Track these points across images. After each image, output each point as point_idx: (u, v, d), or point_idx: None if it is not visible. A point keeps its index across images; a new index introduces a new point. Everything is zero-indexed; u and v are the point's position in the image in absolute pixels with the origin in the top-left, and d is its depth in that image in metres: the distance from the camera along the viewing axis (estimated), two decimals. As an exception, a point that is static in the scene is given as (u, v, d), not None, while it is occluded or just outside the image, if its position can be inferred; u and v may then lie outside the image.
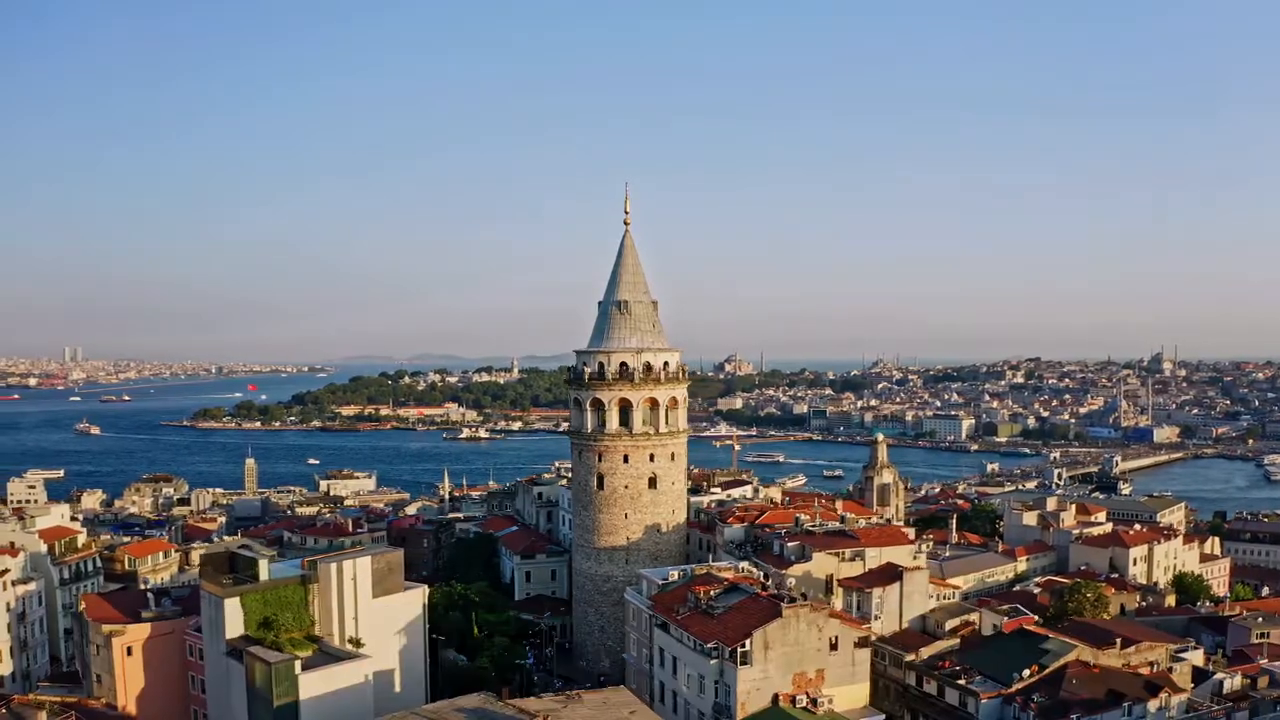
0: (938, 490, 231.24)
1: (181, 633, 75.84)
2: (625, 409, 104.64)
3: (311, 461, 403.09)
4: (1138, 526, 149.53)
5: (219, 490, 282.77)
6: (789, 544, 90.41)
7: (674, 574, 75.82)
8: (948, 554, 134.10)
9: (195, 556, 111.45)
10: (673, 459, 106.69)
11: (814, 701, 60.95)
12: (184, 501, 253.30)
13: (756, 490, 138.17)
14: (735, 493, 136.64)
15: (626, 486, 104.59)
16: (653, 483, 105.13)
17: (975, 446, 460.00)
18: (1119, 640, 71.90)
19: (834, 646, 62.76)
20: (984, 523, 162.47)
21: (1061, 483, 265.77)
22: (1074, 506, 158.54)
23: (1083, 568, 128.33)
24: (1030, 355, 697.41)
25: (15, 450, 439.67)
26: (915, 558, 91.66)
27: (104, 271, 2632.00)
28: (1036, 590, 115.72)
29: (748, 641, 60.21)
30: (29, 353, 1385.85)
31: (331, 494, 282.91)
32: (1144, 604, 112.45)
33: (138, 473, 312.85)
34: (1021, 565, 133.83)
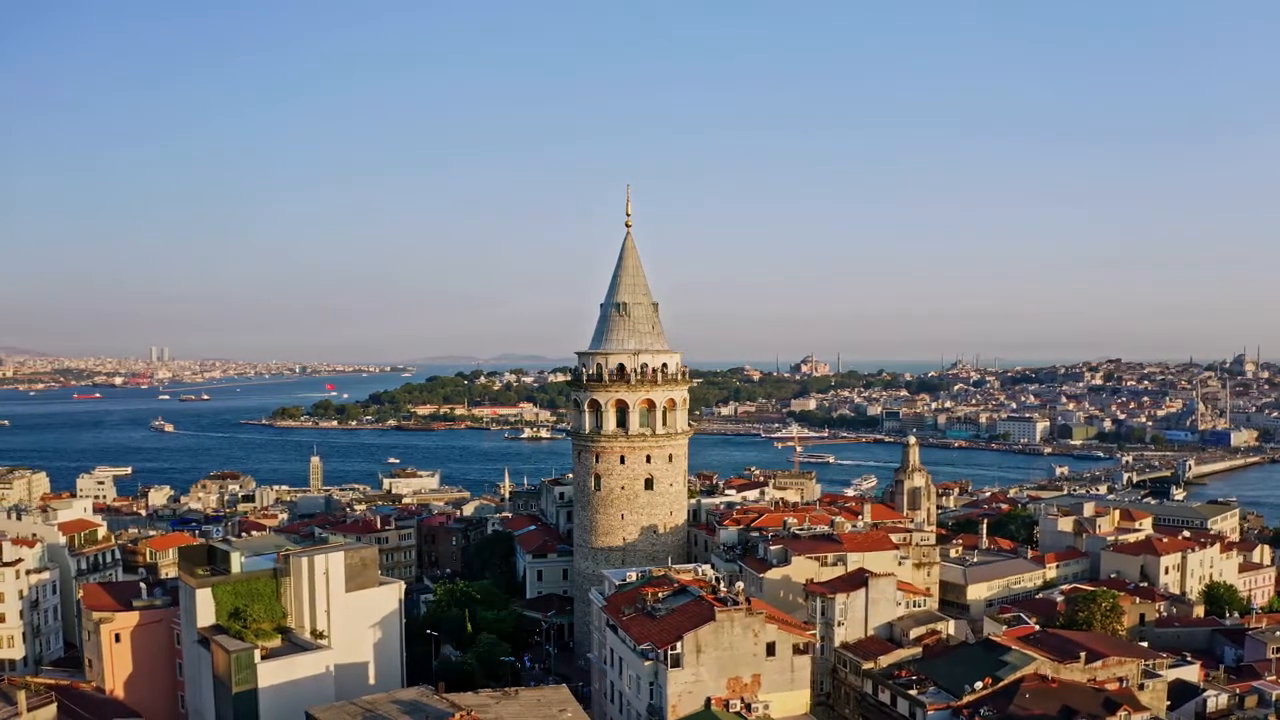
0: (987, 494, 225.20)
1: (169, 622, 79.05)
2: (622, 410, 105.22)
3: (392, 461, 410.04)
4: (1185, 533, 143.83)
5: (283, 487, 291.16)
6: (772, 547, 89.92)
7: (632, 575, 76.13)
8: (975, 559, 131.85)
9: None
10: (670, 460, 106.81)
11: (748, 706, 60.55)
12: (249, 498, 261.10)
13: (763, 493, 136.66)
14: (752, 495, 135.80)
15: (623, 487, 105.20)
16: (649, 484, 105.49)
17: (1049, 450, 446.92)
18: (1083, 654, 69.21)
19: (771, 652, 62.18)
20: (1021, 528, 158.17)
21: (1120, 488, 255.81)
22: (1117, 512, 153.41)
23: (1113, 576, 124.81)
24: (1111, 356, 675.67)
25: (94, 447, 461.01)
26: (900, 563, 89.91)
27: (192, 273, 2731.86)
28: (1059, 598, 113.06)
29: (679, 644, 60.16)
30: (118, 353, 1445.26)
31: (393, 492, 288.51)
32: (1164, 614, 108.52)
33: (210, 470, 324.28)
34: (1051, 572, 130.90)
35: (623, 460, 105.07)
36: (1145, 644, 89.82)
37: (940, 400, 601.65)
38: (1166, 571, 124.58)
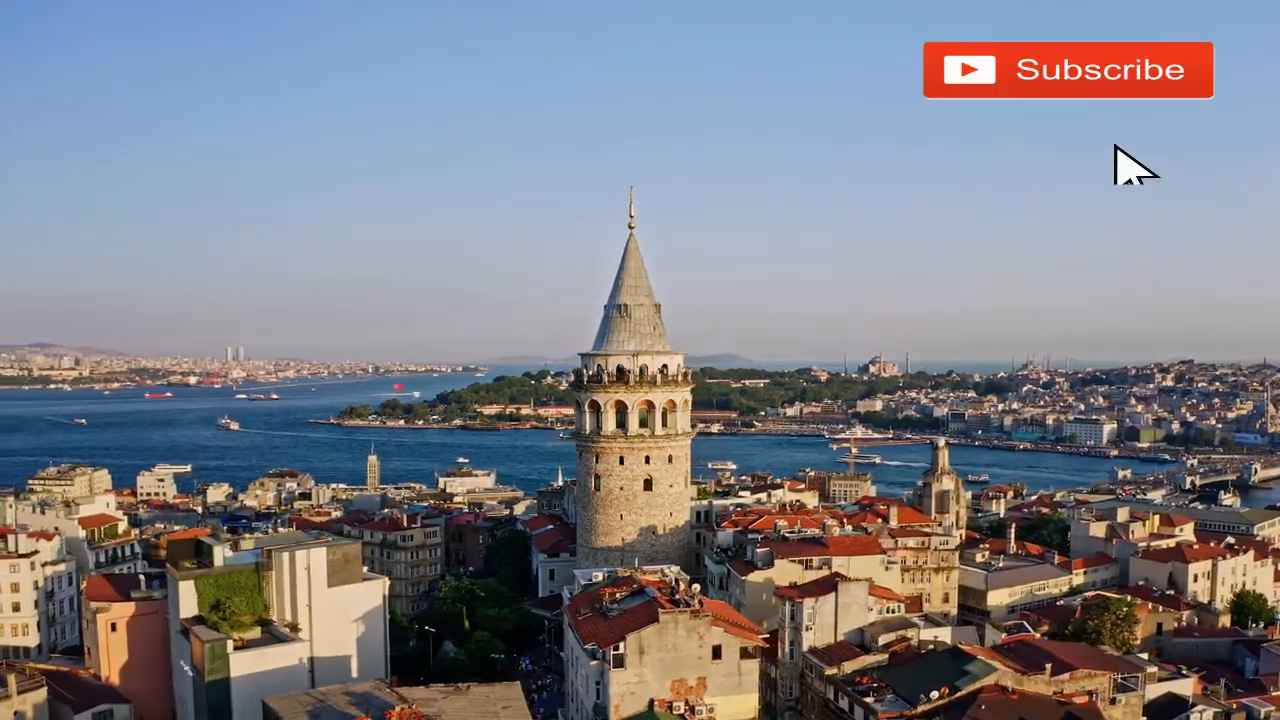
0: (1034, 498, 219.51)
1: (164, 613, 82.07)
2: (621, 411, 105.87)
3: (461, 460, 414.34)
4: (1230, 540, 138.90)
5: (340, 485, 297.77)
6: (758, 550, 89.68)
7: (598, 575, 76.67)
8: (1000, 564, 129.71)
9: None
10: (670, 461, 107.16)
11: (692, 709, 60.52)
12: (305, 496, 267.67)
13: (769, 494, 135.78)
14: (769, 496, 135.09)
15: (622, 488, 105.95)
16: (648, 484, 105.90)
17: (1115, 452, 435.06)
18: (1049, 666, 67.29)
19: (717, 655, 62.06)
20: (1054, 533, 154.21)
21: (1168, 492, 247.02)
22: (1157, 517, 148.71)
23: (1140, 583, 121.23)
24: (1184, 357, 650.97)
25: (163, 446, 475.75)
26: (887, 569, 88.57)
27: (268, 272, 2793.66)
28: (1078, 605, 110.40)
29: (621, 644, 60.50)
30: (194, 352, 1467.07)
31: (447, 491, 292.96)
32: (1183, 624, 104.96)
33: (272, 467, 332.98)
34: (1078, 578, 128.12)
35: (622, 461, 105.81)
36: (1148, 655, 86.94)
37: (1008, 402, 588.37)
38: (1195, 579, 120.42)
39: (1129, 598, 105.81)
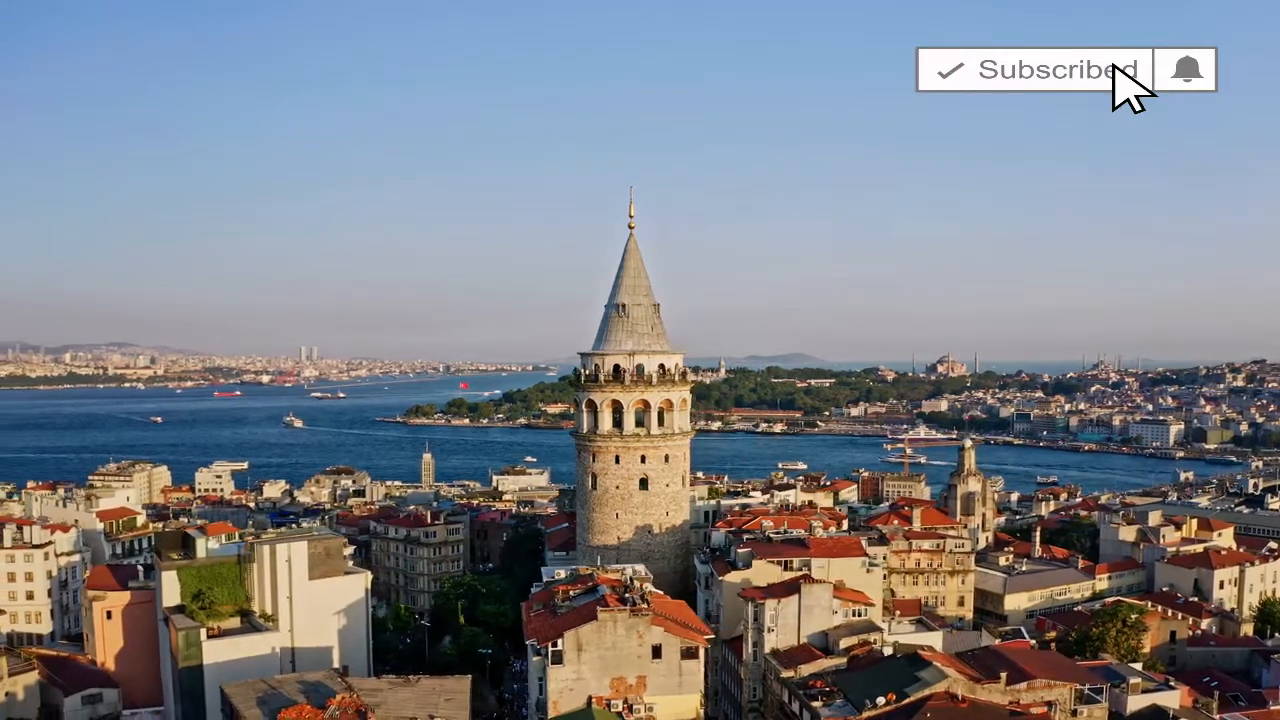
0: (1079, 500, 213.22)
1: (155, 602, 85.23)
2: (617, 410, 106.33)
3: (529, 459, 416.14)
4: (1271, 545, 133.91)
5: (394, 483, 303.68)
6: (740, 550, 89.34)
7: (561, 573, 77.17)
8: (1024, 568, 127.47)
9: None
10: (666, 461, 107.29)
11: (630, 707, 60.74)
12: (359, 493, 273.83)
13: (772, 495, 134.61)
14: (781, 497, 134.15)
15: (618, 487, 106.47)
16: (644, 484, 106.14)
17: (1180, 454, 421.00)
18: (1005, 674, 65.58)
19: (657, 654, 62.07)
20: (1083, 536, 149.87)
21: (1215, 496, 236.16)
22: (1194, 521, 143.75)
23: (1165, 589, 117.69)
24: (1258, 357, 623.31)
25: (231, 443, 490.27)
26: (869, 571, 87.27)
27: (348, 274, 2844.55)
28: (1093, 610, 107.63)
29: (559, 641, 61.00)
30: (268, 351, 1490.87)
31: (499, 489, 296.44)
32: (1200, 632, 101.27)
33: (332, 465, 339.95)
34: (1102, 583, 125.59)
35: (617, 460, 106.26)
36: (1141, 664, 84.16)
37: (1075, 402, 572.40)
38: (1221, 586, 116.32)
39: (1144, 604, 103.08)
